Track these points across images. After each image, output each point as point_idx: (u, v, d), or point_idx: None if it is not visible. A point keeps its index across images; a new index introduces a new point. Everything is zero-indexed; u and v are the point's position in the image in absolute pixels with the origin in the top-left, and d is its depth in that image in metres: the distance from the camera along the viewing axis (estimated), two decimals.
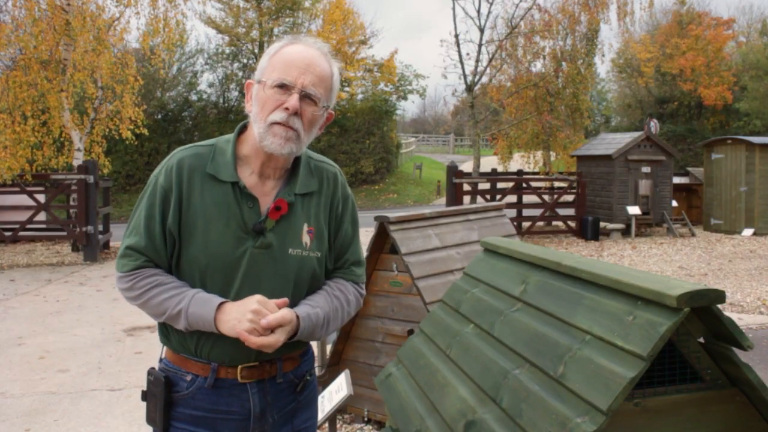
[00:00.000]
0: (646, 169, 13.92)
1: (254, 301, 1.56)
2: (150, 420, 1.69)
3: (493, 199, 13.43)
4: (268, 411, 1.69)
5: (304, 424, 1.79)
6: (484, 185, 14.31)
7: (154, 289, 1.60)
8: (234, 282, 1.61)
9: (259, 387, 1.68)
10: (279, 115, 1.59)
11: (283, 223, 1.66)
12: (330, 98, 1.68)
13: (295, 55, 1.62)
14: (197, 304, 1.57)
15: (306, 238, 1.69)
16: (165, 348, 1.72)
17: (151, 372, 1.69)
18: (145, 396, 1.71)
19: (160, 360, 1.73)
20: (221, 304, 1.58)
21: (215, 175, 1.62)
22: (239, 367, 1.65)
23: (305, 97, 1.60)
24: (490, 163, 22.68)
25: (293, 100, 1.58)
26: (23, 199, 11.95)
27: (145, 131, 13.40)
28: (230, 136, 1.70)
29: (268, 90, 1.60)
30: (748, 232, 13.93)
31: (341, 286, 1.78)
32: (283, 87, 1.59)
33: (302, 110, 1.60)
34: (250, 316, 1.53)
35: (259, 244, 1.62)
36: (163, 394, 1.64)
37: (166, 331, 1.69)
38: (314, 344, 4.47)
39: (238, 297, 1.61)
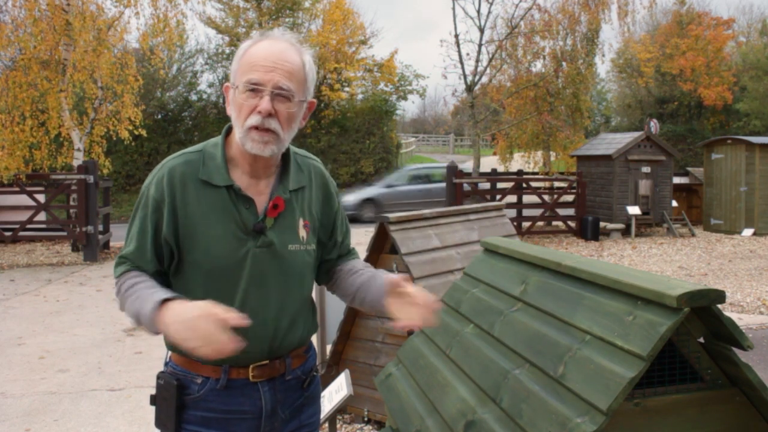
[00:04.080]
0: (646, 169, 13.92)
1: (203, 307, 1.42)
2: (160, 424, 1.68)
3: (493, 199, 13.43)
4: (278, 408, 1.72)
5: (310, 419, 1.82)
6: (484, 185, 14.31)
7: (130, 289, 1.58)
8: (240, 283, 1.62)
9: (270, 385, 1.69)
10: (254, 119, 1.57)
11: (281, 220, 1.67)
12: (305, 90, 1.65)
13: (262, 53, 1.58)
14: (139, 301, 1.51)
15: (302, 233, 1.72)
16: (170, 352, 1.72)
17: (160, 376, 1.68)
18: (154, 400, 1.69)
19: (166, 363, 1.72)
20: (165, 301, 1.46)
21: (208, 180, 1.61)
22: (251, 366, 1.66)
23: (277, 95, 1.57)
24: (490, 163, 22.67)
25: (264, 103, 1.56)
26: (23, 199, 11.94)
27: (143, 132, 13.40)
28: (218, 140, 1.68)
29: (240, 94, 1.58)
30: (748, 232, 13.93)
31: (365, 264, 1.89)
32: (255, 89, 1.57)
33: (277, 110, 1.58)
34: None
35: (260, 243, 1.63)
36: (174, 398, 1.64)
37: None
38: (314, 342, 4.47)
39: (245, 298, 1.62)
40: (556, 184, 15.13)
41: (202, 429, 1.65)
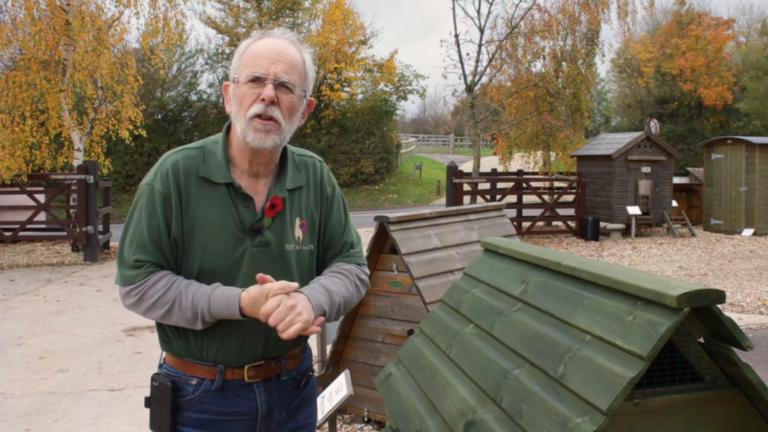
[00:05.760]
0: (646, 169, 13.92)
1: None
2: (155, 426, 1.67)
3: (493, 199, 13.43)
4: (275, 409, 1.71)
5: (307, 420, 1.82)
6: (484, 185, 14.31)
7: (175, 286, 1.57)
8: (235, 283, 1.61)
9: (266, 386, 1.69)
10: (258, 108, 1.58)
11: (278, 219, 1.67)
12: (306, 84, 1.68)
13: (264, 48, 1.62)
14: (217, 303, 1.56)
15: (299, 233, 1.71)
16: (165, 353, 1.71)
17: (155, 378, 1.67)
18: (148, 402, 1.68)
19: (161, 365, 1.71)
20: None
21: (209, 177, 1.61)
22: (246, 367, 1.65)
23: (280, 85, 1.60)
24: (490, 163, 22.68)
25: (268, 90, 1.58)
26: (23, 199, 11.95)
27: (143, 132, 13.41)
28: (217, 137, 1.69)
29: (242, 86, 1.60)
30: (748, 232, 13.93)
31: (343, 267, 1.78)
32: (257, 80, 1.59)
33: (279, 99, 1.60)
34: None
35: (257, 242, 1.63)
36: (169, 400, 1.63)
37: (166, 336, 1.67)
38: (312, 342, 4.48)
39: None
40: (556, 184, 15.13)
41: (198, 431, 1.64)
